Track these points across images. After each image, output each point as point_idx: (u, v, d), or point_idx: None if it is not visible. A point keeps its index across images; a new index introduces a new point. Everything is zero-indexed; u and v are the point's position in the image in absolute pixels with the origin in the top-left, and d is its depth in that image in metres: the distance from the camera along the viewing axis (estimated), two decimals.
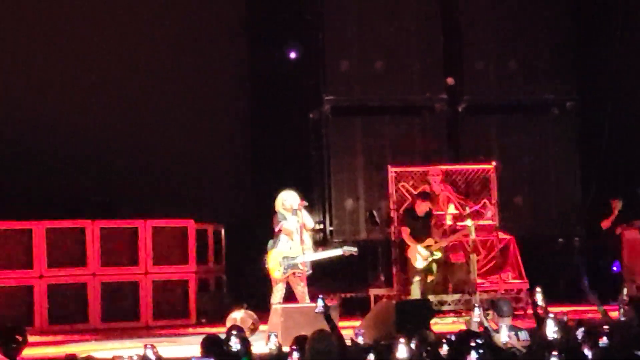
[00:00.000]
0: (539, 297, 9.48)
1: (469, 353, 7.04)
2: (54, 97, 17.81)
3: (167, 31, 18.54)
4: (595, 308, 10.17)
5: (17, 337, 8.35)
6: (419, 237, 15.62)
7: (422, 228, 15.71)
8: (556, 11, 18.87)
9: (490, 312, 10.03)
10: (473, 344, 7.29)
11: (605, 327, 8.29)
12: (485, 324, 9.62)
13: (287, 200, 13.21)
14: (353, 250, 13.42)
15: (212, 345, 8.22)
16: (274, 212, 13.27)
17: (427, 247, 15.56)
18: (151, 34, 18.47)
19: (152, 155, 17.99)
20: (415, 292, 15.47)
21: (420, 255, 15.49)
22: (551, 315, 8.55)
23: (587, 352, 7.34)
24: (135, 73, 18.23)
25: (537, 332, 8.49)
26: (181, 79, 18.49)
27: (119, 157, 17.76)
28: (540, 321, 8.41)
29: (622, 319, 9.25)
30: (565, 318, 9.04)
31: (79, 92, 17.94)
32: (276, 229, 13.18)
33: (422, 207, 15.74)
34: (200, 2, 18.97)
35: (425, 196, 15.91)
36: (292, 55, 19.05)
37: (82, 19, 18.16)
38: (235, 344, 8.13)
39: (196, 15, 18.78)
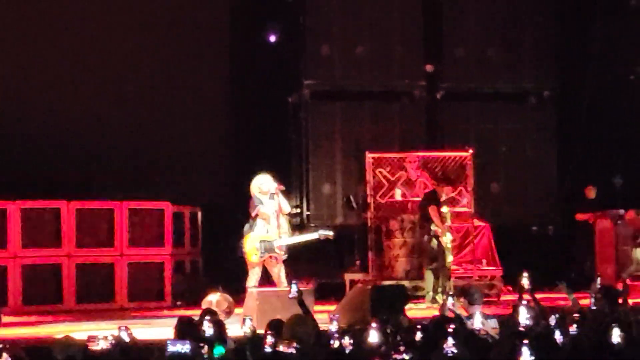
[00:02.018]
0: (526, 282, 9.49)
1: (444, 339, 7.06)
2: (32, 78, 17.71)
3: (148, 13, 18.45)
4: (565, 296, 10.20)
5: None
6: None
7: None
8: (537, 1, 18.92)
9: (461, 299, 10.06)
10: (449, 330, 7.31)
11: (576, 315, 8.35)
12: (457, 311, 9.66)
13: (264, 184, 13.20)
14: (329, 234, 13.43)
15: (186, 328, 8.22)
16: (250, 196, 13.25)
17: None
18: (131, 16, 18.38)
19: (130, 137, 17.93)
20: (430, 279, 15.34)
21: (447, 237, 15.25)
22: (524, 302, 8.59)
23: (559, 339, 7.38)
24: (113, 55, 18.14)
25: (510, 319, 8.52)
26: (161, 62, 18.41)
27: (97, 139, 17.69)
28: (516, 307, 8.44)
29: (593, 307, 9.30)
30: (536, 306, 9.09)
31: (57, 73, 17.85)
32: (253, 213, 13.17)
33: (443, 192, 15.56)
34: None
35: (447, 181, 15.76)
36: (273, 38, 19.01)
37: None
38: (208, 329, 8.12)
39: None
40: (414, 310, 14.18)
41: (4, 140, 17.19)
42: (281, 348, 7.03)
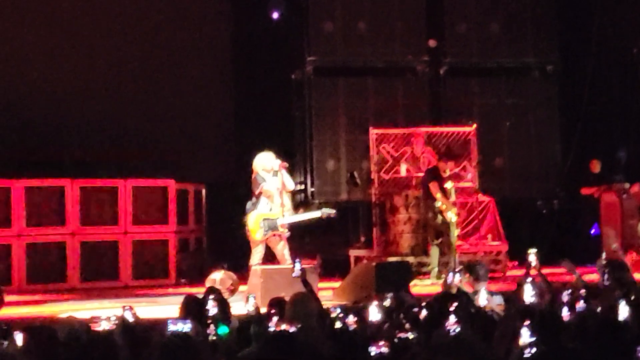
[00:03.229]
0: (533, 259, 9.44)
1: (448, 316, 7.03)
2: (34, 56, 17.68)
3: None
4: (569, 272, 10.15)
5: None
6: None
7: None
8: None
9: (466, 275, 10.03)
10: (452, 307, 7.28)
11: (583, 291, 8.31)
12: (462, 287, 9.63)
13: (267, 161, 13.17)
14: (331, 212, 13.42)
15: (192, 307, 8.21)
16: (253, 174, 13.22)
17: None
18: None
19: (133, 115, 17.90)
20: (435, 255, 15.32)
21: (452, 212, 15.17)
22: (529, 279, 8.56)
23: (565, 316, 7.36)
24: (116, 33, 18.10)
25: (514, 296, 8.49)
26: (163, 39, 18.37)
27: (101, 117, 17.66)
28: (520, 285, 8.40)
29: (606, 283, 9.24)
30: (543, 283, 9.06)
31: (60, 52, 17.81)
32: (256, 191, 13.14)
33: (446, 167, 15.49)
34: None
35: (450, 156, 15.69)
36: (275, 15, 18.94)
37: None
38: (212, 307, 8.11)
39: None
40: (419, 287, 14.18)
41: (7, 119, 17.17)
42: (283, 327, 7.01)
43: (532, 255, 9.51)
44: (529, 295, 7.94)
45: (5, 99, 17.30)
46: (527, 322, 5.81)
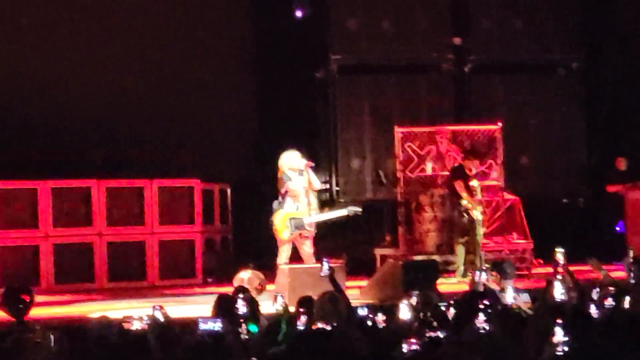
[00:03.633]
0: (560, 258, 9.42)
1: (477, 314, 7.03)
2: (60, 56, 17.74)
3: None
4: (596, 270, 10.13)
5: (23, 297, 8.36)
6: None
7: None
8: None
9: (493, 273, 10.03)
10: (481, 306, 7.28)
11: (611, 288, 8.31)
12: (489, 285, 9.63)
13: (293, 160, 13.18)
14: (358, 210, 13.43)
15: (225, 305, 8.24)
16: (278, 173, 13.24)
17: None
18: None
19: (158, 115, 17.94)
20: (461, 253, 15.29)
21: (478, 210, 15.18)
22: (559, 277, 8.55)
23: (594, 313, 7.35)
24: (141, 32, 18.15)
25: (544, 294, 8.48)
26: (187, 37, 18.40)
27: (126, 117, 17.71)
28: (550, 282, 8.40)
29: (632, 281, 9.22)
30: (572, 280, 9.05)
31: (85, 51, 17.87)
32: (282, 190, 13.16)
33: (471, 165, 15.50)
34: None
35: (475, 154, 15.68)
36: (299, 13, 18.96)
37: None
38: (241, 307, 8.14)
39: None
40: (445, 285, 14.16)
41: (33, 120, 17.25)
42: (319, 325, 7.05)
43: (560, 254, 9.49)
44: (559, 292, 7.93)
45: (32, 100, 17.37)
46: (559, 320, 5.81)
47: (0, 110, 17.09)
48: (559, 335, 5.79)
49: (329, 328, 6.83)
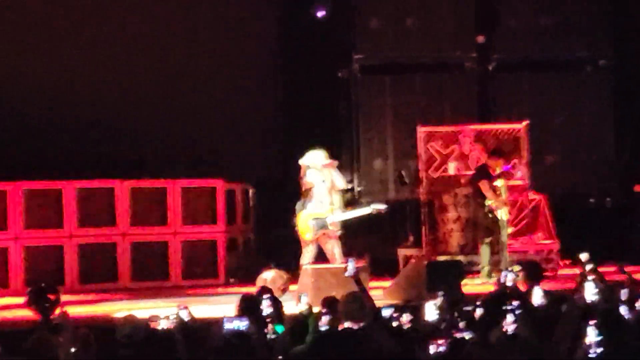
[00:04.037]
0: (587, 260, 9.33)
1: (504, 316, 6.97)
2: (85, 57, 17.75)
3: None
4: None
5: (50, 296, 8.39)
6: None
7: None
8: None
9: (521, 273, 9.94)
10: (510, 307, 7.22)
11: None
12: (516, 286, 9.55)
13: (316, 160, 13.13)
14: (382, 207, 13.37)
15: (249, 305, 8.21)
16: (301, 172, 13.19)
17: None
18: None
19: (181, 115, 17.94)
20: (486, 253, 15.21)
21: (503, 210, 15.10)
22: (590, 277, 8.46)
23: (625, 314, 7.27)
24: (164, 32, 18.15)
25: (575, 295, 8.40)
26: (211, 37, 18.39)
27: (149, 117, 17.72)
28: (581, 283, 8.32)
29: None
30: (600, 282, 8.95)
31: (109, 52, 17.88)
32: (304, 189, 13.11)
33: (495, 165, 15.42)
34: None
35: (499, 154, 15.59)
36: (322, 13, 18.92)
37: None
38: (266, 308, 8.11)
39: None
40: (470, 286, 14.08)
41: (57, 121, 17.28)
42: (347, 325, 7.02)
43: (584, 258, 9.42)
44: (590, 293, 7.84)
45: (55, 101, 17.40)
46: (592, 321, 5.73)
47: (26, 111, 17.18)
48: (591, 336, 5.71)
49: (356, 328, 6.78)
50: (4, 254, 15.46)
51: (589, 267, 9.21)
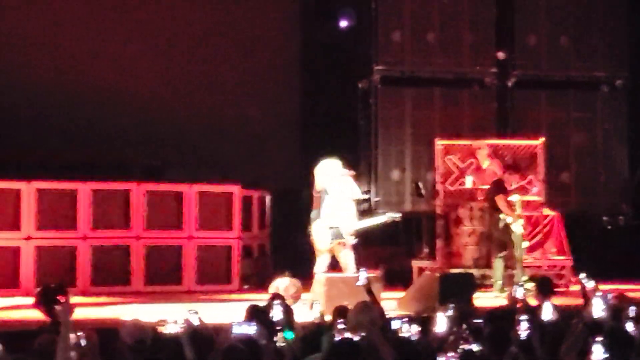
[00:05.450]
0: (586, 281, 9.35)
1: (514, 330, 6.98)
2: (103, 61, 17.84)
3: None
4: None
5: (59, 297, 8.36)
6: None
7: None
8: None
9: (532, 288, 9.95)
10: (521, 319, 7.22)
11: None
12: (527, 300, 9.56)
13: (332, 169, 13.15)
14: (396, 216, 13.43)
15: (256, 315, 8.22)
16: (316, 181, 13.20)
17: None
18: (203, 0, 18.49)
19: (200, 121, 17.99)
20: (499, 268, 15.18)
21: (519, 224, 15.10)
22: (599, 293, 8.46)
23: (633, 330, 7.26)
24: (184, 37, 18.23)
25: (583, 311, 8.40)
26: (232, 45, 18.45)
27: (168, 121, 17.76)
28: (587, 300, 8.32)
29: None
30: (609, 297, 8.95)
31: (127, 56, 17.96)
32: (320, 198, 13.13)
33: (511, 180, 15.45)
34: None
35: (515, 169, 15.61)
36: (344, 24, 18.96)
37: None
38: (277, 314, 8.11)
39: None
40: (482, 299, 14.07)
41: (75, 122, 17.34)
42: (347, 335, 7.02)
43: (584, 279, 9.48)
44: (598, 310, 7.84)
45: (73, 102, 17.46)
46: (599, 338, 5.73)
47: (45, 111, 17.23)
48: (598, 353, 5.71)
49: (356, 338, 6.79)
50: (16, 254, 15.37)
51: (589, 285, 9.23)
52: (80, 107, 17.44)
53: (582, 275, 9.51)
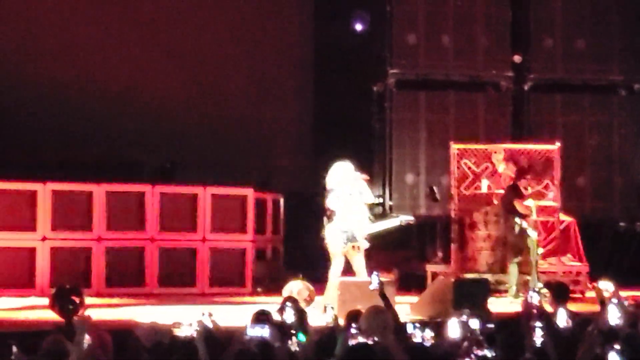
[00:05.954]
0: (604, 289, 9.30)
1: (529, 336, 6.93)
2: (118, 63, 17.85)
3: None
4: None
5: (74, 298, 8.37)
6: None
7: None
8: None
9: (548, 294, 9.89)
10: (536, 326, 7.17)
11: None
12: (542, 306, 9.50)
13: (345, 172, 13.11)
14: (410, 219, 13.37)
15: (263, 319, 8.19)
16: (329, 185, 13.15)
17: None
18: (216, 0, 18.47)
19: (214, 124, 17.99)
20: (514, 273, 15.12)
21: (534, 229, 15.06)
22: (614, 300, 8.40)
23: None
24: (197, 39, 18.22)
25: (599, 317, 8.34)
26: (245, 47, 18.44)
27: (180, 123, 17.76)
28: (604, 306, 8.26)
29: None
30: (625, 303, 8.89)
31: (141, 58, 17.96)
32: (332, 202, 13.07)
33: (527, 185, 15.43)
34: None
35: (531, 173, 15.57)
36: (359, 27, 18.93)
37: None
38: (289, 317, 8.09)
39: None
40: (496, 305, 14.01)
41: (89, 124, 17.36)
42: (360, 339, 6.99)
43: (602, 286, 9.42)
44: (614, 317, 7.78)
45: (87, 104, 17.48)
46: (615, 345, 5.68)
47: (60, 113, 17.25)
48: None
49: (370, 342, 6.76)
50: (31, 255, 15.43)
51: (609, 288, 9.17)
52: (93, 109, 17.46)
53: (602, 282, 9.42)
